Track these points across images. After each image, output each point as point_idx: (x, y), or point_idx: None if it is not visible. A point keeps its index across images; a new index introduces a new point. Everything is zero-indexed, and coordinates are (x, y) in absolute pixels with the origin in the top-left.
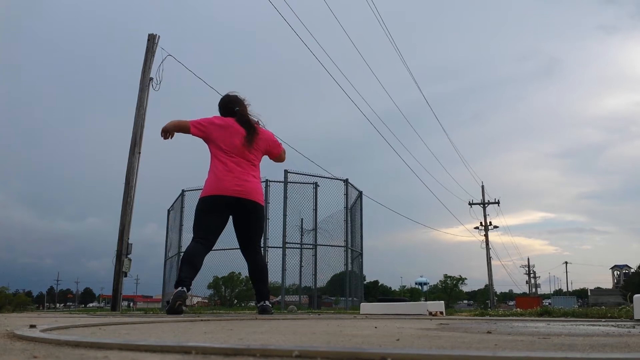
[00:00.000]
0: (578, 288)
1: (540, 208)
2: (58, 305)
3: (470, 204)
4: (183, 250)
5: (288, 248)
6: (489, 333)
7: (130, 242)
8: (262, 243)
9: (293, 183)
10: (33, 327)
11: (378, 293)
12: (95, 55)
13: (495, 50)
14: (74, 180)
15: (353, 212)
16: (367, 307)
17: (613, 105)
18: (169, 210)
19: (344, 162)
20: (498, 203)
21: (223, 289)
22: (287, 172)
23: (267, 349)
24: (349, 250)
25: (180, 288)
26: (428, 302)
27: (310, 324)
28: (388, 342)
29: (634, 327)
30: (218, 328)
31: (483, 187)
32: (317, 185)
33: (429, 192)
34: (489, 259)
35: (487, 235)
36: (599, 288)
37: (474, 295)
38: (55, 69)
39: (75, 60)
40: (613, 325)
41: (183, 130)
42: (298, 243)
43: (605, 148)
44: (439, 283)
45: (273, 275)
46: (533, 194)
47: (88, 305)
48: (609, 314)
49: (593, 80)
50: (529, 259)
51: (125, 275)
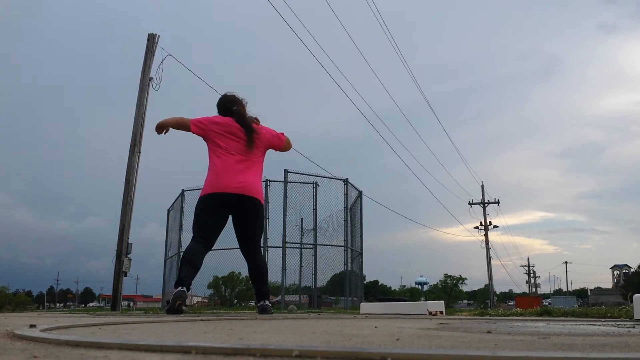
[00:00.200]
0: (578, 288)
1: (540, 208)
2: (58, 305)
3: (470, 204)
4: (183, 250)
5: (288, 248)
6: (489, 333)
7: (130, 241)
8: (262, 243)
9: (293, 183)
10: (33, 326)
11: (378, 293)
12: (95, 55)
13: (495, 50)
14: (74, 180)
15: (353, 211)
16: (367, 306)
17: (613, 105)
18: (169, 210)
19: (344, 161)
20: (498, 203)
21: (223, 289)
22: (287, 171)
23: (267, 349)
24: (349, 250)
25: (180, 288)
26: (428, 301)
27: (310, 324)
28: (388, 341)
29: (634, 326)
30: (218, 328)
31: (483, 186)
32: (317, 185)
33: (429, 191)
34: (489, 259)
35: (487, 235)
36: (599, 288)
37: (474, 295)
38: (55, 69)
39: (75, 60)
40: (613, 325)
41: (183, 128)
42: (298, 243)
43: (605, 148)
44: (439, 283)
45: (273, 275)
46: (533, 194)
47: (88, 305)
48: (609, 314)
49: (593, 80)
50: (529, 259)
51: (125, 275)
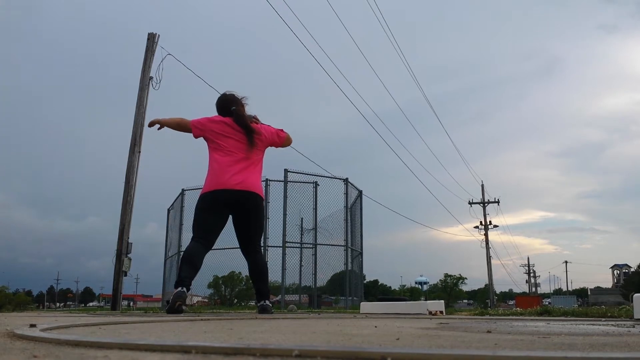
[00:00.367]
0: (578, 287)
1: (540, 207)
2: (58, 305)
3: (470, 203)
4: (183, 250)
5: (288, 247)
6: (489, 332)
7: (130, 241)
8: (262, 242)
9: (293, 182)
10: (33, 326)
11: (378, 292)
12: (95, 55)
13: (495, 50)
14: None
15: (353, 211)
16: (367, 306)
17: (613, 105)
18: (169, 210)
19: (344, 161)
20: (498, 202)
21: (223, 289)
22: (287, 171)
23: (267, 348)
24: (349, 250)
25: (180, 288)
26: (428, 301)
27: (310, 324)
28: (388, 341)
29: (634, 326)
30: (218, 327)
31: (483, 186)
32: (317, 185)
33: (429, 191)
34: (489, 258)
35: (487, 235)
36: (599, 287)
37: (474, 295)
38: (55, 69)
39: (75, 60)
40: (613, 325)
41: (183, 130)
42: (298, 242)
43: (606, 147)
44: (439, 282)
45: (273, 275)
46: (533, 193)
47: (88, 305)
48: (609, 314)
49: (593, 80)
50: (529, 258)
51: (125, 275)
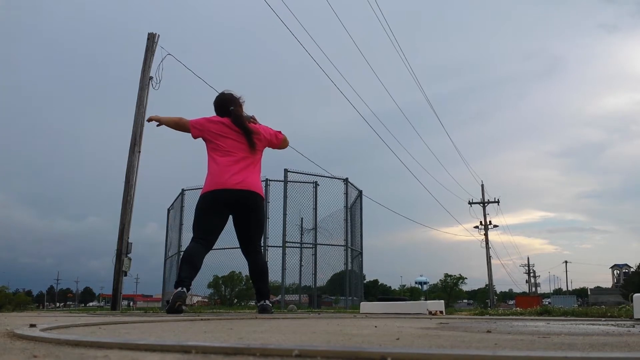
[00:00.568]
0: (578, 287)
1: (540, 207)
2: (58, 305)
3: (470, 203)
4: (183, 250)
5: (288, 247)
6: (489, 332)
7: (130, 241)
8: (262, 242)
9: (293, 182)
10: (33, 326)
11: (378, 292)
12: (95, 54)
13: (495, 50)
14: (74, 180)
15: (353, 211)
16: (367, 306)
17: (613, 105)
18: (169, 210)
19: (344, 161)
20: (498, 202)
21: (223, 288)
22: (287, 171)
23: (267, 348)
24: (349, 250)
25: (180, 288)
26: (428, 301)
27: (310, 323)
28: (388, 341)
29: (634, 326)
30: (218, 327)
31: (483, 186)
32: (317, 185)
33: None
34: (489, 258)
35: (487, 235)
36: (599, 287)
37: (474, 295)
38: (55, 68)
39: (75, 59)
40: (613, 325)
41: (182, 129)
42: (298, 242)
43: (606, 147)
44: (439, 282)
45: (273, 275)
46: (533, 193)
47: (88, 305)
48: (609, 313)
49: (593, 79)
50: (529, 258)
51: (125, 275)
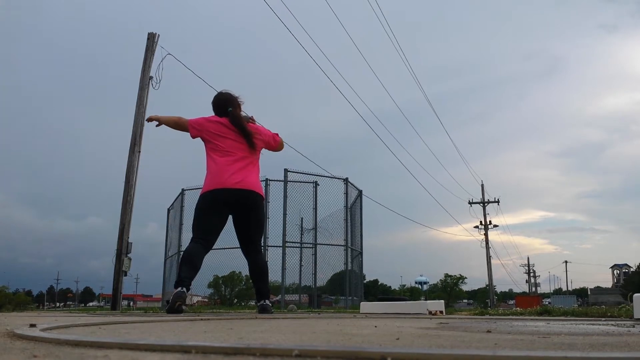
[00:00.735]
0: (578, 287)
1: (540, 207)
2: (58, 305)
3: (470, 203)
4: (183, 250)
5: (288, 247)
6: (489, 332)
7: (130, 241)
8: (262, 242)
9: (293, 182)
10: (33, 326)
11: (378, 292)
12: (95, 54)
13: (496, 50)
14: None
15: (353, 211)
16: (367, 306)
17: (613, 105)
18: (169, 210)
19: (344, 161)
20: (498, 202)
21: (223, 288)
22: (287, 171)
23: (267, 348)
24: (349, 249)
25: (180, 288)
26: (428, 301)
27: (310, 323)
28: (388, 341)
29: (634, 326)
30: (218, 327)
31: (483, 186)
32: (317, 184)
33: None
34: (489, 258)
35: (487, 235)
36: (599, 287)
37: (474, 295)
38: (55, 68)
39: (75, 59)
40: (613, 325)
41: (181, 129)
42: (298, 242)
43: (606, 147)
44: (439, 282)
45: (273, 275)
46: (533, 193)
47: (88, 305)
48: (609, 313)
49: (593, 80)
50: (529, 258)
51: (125, 275)
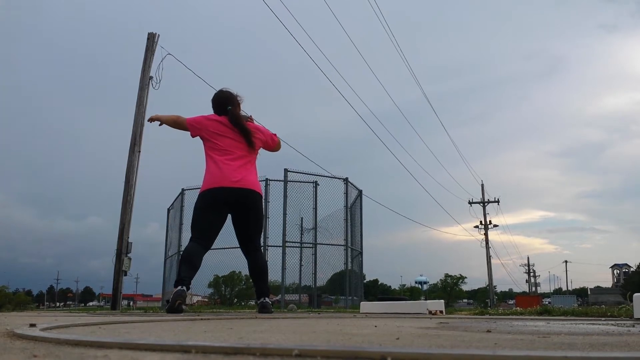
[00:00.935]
0: (578, 287)
1: (540, 207)
2: (58, 304)
3: (470, 203)
4: (183, 249)
5: (288, 247)
6: (489, 332)
7: (130, 241)
8: (261, 242)
9: (293, 182)
10: (33, 326)
11: (378, 292)
12: (95, 54)
13: (496, 50)
14: (74, 180)
15: (353, 211)
16: (367, 306)
17: (613, 105)
18: (169, 209)
19: (344, 161)
20: (498, 202)
21: (223, 288)
22: (287, 170)
23: (267, 348)
24: (349, 249)
25: (180, 287)
26: (428, 301)
27: (310, 323)
28: (388, 340)
29: (634, 326)
30: (218, 327)
31: (483, 185)
32: (317, 184)
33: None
34: (489, 258)
35: (487, 234)
36: (599, 287)
37: (474, 294)
38: (55, 68)
39: (75, 59)
40: (613, 324)
41: (180, 127)
42: (298, 242)
43: (606, 147)
44: (439, 282)
45: (273, 274)
46: (533, 193)
47: (88, 304)
48: (609, 313)
49: (593, 80)
50: (529, 258)
51: (125, 274)
